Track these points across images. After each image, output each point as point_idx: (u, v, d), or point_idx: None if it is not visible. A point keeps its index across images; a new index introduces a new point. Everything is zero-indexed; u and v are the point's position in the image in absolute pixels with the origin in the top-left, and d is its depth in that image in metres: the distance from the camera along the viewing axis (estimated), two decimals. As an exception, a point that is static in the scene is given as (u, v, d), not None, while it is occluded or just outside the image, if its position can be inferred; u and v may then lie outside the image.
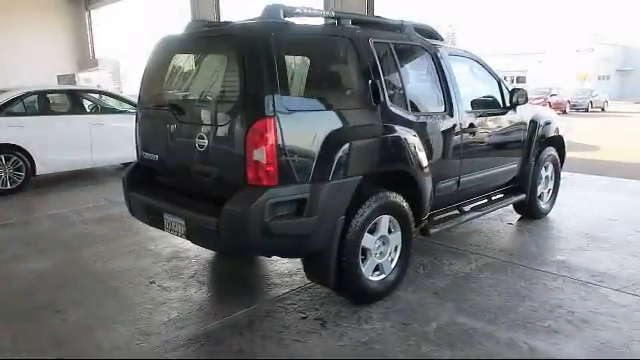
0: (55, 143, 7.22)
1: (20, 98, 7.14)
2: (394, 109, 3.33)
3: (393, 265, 3.39)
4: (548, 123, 4.94)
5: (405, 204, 3.34)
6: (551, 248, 4.36)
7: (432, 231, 3.71)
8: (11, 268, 4.11)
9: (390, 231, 3.32)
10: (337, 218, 2.92)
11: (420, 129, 3.49)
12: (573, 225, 4.92)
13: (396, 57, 3.47)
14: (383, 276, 3.33)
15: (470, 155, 4.01)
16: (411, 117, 3.46)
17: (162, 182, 3.49)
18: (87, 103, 7.97)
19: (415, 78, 3.59)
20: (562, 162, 5.29)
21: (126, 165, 8.09)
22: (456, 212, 4.14)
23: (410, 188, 3.39)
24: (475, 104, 4.12)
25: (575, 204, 5.67)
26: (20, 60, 14.98)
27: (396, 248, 3.40)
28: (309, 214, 2.79)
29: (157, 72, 3.52)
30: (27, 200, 6.58)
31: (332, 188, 2.86)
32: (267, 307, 3.29)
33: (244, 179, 2.73)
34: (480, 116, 4.10)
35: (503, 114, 4.41)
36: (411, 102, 3.51)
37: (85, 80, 13.23)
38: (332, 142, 2.88)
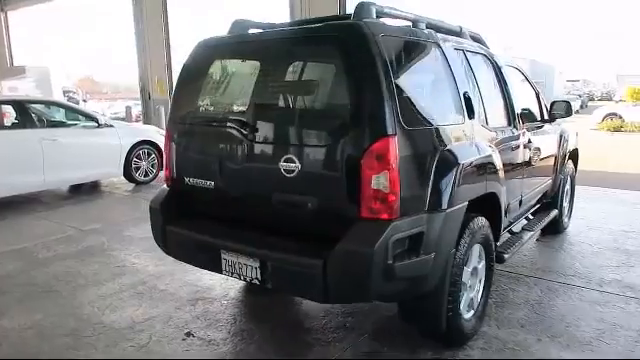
0: (1, 163, 6.11)
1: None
2: (480, 124, 2.99)
3: (479, 298, 3.02)
4: (570, 136, 4.86)
5: (490, 230, 3.00)
6: (595, 265, 4.21)
7: (506, 256, 3.38)
8: (-9, 326, 3.24)
9: (478, 261, 2.96)
10: (449, 252, 2.50)
11: (496, 145, 3.17)
12: (597, 239, 4.85)
13: (472, 67, 3.13)
14: (472, 312, 2.95)
15: (529, 171, 3.76)
16: (492, 133, 3.13)
17: (213, 213, 2.86)
18: (36, 115, 6.87)
19: (486, 89, 3.27)
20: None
21: (76, 187, 7.19)
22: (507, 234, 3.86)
23: (491, 211, 3.05)
24: (526, 117, 3.88)
25: (584, 216, 5.65)
26: None
27: (480, 280, 3.03)
28: (427, 250, 2.34)
29: (202, 82, 2.90)
30: (-29, 232, 5.46)
31: (448, 218, 2.43)
32: None
33: (356, 211, 2.23)
34: (531, 129, 3.88)
35: (545, 127, 4.24)
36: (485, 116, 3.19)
37: (10, 89, 11.69)
38: (445, 163, 2.46)
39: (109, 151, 7.33)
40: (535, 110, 4.20)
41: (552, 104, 4.24)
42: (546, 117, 4.27)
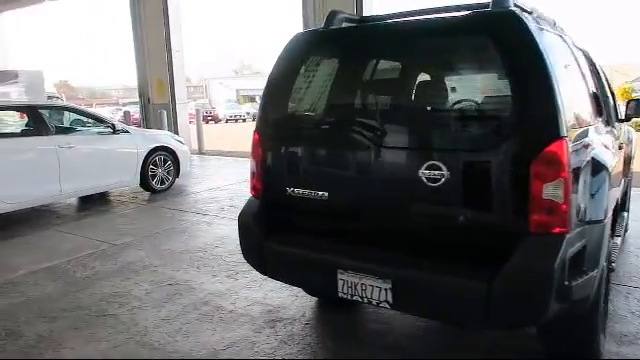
0: (16, 172, 5.67)
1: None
2: (603, 123, 2.75)
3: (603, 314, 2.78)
4: (633, 136, 4.69)
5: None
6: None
7: (614, 265, 3.14)
8: (52, 360, 2.85)
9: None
10: (604, 267, 2.25)
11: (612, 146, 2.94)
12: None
13: (582, 63, 2.89)
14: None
15: (622, 173, 3.55)
16: (612, 132, 2.91)
17: (321, 227, 2.54)
18: (50, 121, 6.42)
19: (597, 86, 3.03)
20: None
21: (85, 198, 6.73)
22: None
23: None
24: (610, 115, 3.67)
25: (638, 217, 5.48)
26: None
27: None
28: (591, 267, 2.08)
29: (304, 80, 2.59)
30: (-11, 249, 5.01)
31: (605, 228, 2.18)
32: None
33: (524, 225, 1.95)
34: (616, 128, 3.67)
35: (622, 126, 4.04)
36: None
37: (2, 95, 11.08)
38: (598, 169, 2.22)
39: (126, 158, 6.92)
40: (615, 107, 4.01)
41: (628, 103, 4.05)
42: (621, 116, 4.08)
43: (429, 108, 2.37)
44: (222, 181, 8.37)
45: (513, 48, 1.99)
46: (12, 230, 5.61)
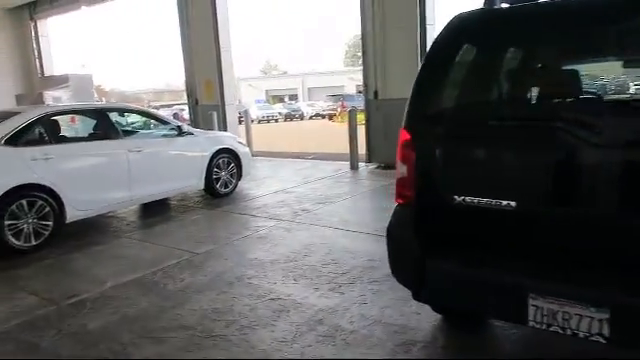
0: (89, 178, 5.47)
1: (39, 121, 5.32)
2: None
3: None
4: None
5: None
6: None
7: None
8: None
9: None
10: None
11: None
12: None
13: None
14: None
15: None
16: None
17: (499, 242, 2.15)
18: (118, 125, 6.23)
19: None
20: None
21: (148, 204, 6.47)
22: None
23: None
24: None
25: None
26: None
27: None
28: None
29: (474, 68, 2.21)
30: (68, 260, 4.79)
31: None
32: None
33: None
34: None
35: None
36: None
37: (54, 99, 11.08)
38: None
39: (192, 161, 6.67)
40: None
41: None
42: None
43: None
44: (283, 184, 8.07)
45: None
46: (85, 239, 5.41)
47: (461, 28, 2.23)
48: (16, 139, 4.99)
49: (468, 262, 2.13)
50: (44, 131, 5.43)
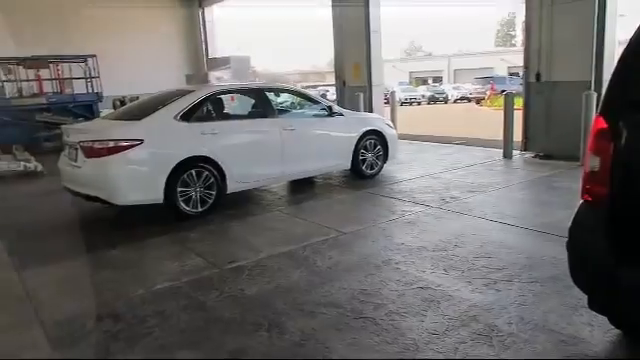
0: (247, 153, 5.85)
1: (208, 99, 5.81)
2: None
3: None
4: None
5: None
6: None
7: None
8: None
9: None
10: None
11: None
12: None
13: None
14: None
15: None
16: None
17: None
18: (274, 104, 6.57)
19: None
20: None
21: (296, 181, 6.66)
22: None
23: None
24: None
25: None
26: (139, 62, 14.35)
27: None
28: None
29: None
30: (228, 227, 5.20)
31: None
32: None
33: None
34: None
35: None
36: None
37: (217, 79, 12.12)
38: None
39: (341, 142, 6.77)
40: None
41: None
42: None
43: None
44: (429, 168, 7.82)
45: None
46: (243, 209, 5.82)
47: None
48: (189, 115, 5.51)
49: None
50: (212, 108, 5.94)
